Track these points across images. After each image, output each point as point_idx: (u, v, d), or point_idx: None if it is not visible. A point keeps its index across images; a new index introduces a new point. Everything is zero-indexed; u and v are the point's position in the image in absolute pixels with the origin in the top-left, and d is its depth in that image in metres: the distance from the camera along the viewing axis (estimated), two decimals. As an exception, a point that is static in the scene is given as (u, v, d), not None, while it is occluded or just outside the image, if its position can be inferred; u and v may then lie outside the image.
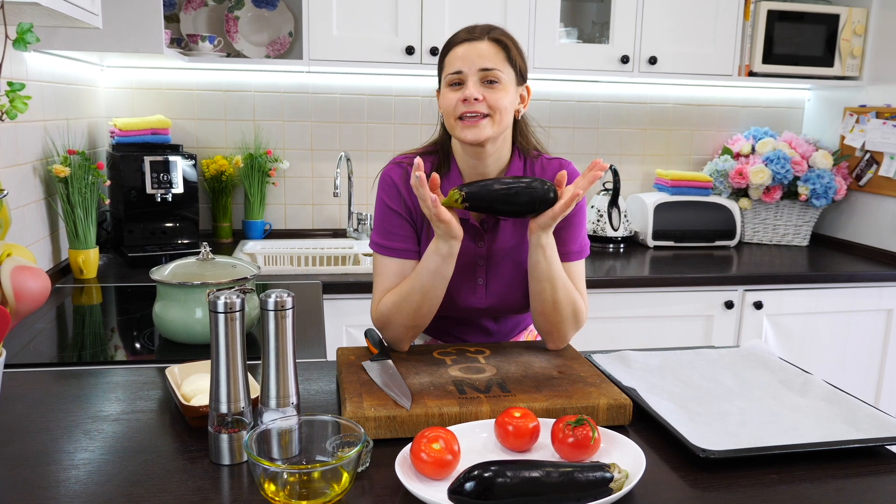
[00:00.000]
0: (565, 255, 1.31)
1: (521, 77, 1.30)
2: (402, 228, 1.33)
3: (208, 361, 0.96)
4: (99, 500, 0.86)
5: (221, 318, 0.92)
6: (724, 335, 2.39)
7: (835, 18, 2.65)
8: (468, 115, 1.24)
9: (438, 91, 1.34)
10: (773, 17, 2.60)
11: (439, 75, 1.32)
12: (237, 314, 0.93)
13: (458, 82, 1.25)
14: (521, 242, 1.34)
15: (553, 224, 1.22)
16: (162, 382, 1.24)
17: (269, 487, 0.83)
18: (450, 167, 1.35)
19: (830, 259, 2.63)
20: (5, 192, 1.02)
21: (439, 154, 1.37)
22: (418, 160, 1.17)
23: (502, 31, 1.29)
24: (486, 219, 1.33)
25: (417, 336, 1.33)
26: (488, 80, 1.24)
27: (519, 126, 1.36)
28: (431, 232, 1.31)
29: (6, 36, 1.04)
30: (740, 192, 2.81)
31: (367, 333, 1.31)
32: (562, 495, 0.84)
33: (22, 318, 0.97)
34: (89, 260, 2.04)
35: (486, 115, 1.24)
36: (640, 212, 2.76)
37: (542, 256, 1.24)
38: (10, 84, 1.04)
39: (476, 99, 1.23)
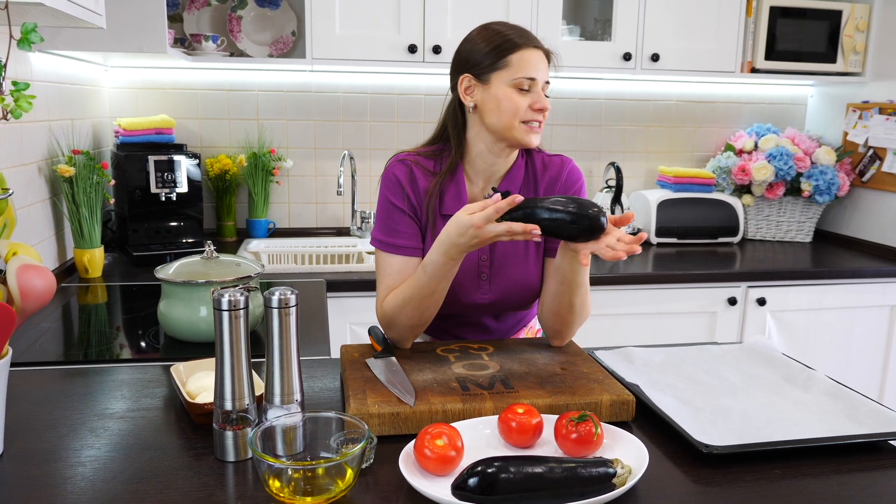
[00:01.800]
0: None
1: None
2: (406, 226, 1.33)
3: (213, 359, 0.97)
4: (105, 496, 0.87)
5: (226, 315, 0.93)
6: (728, 332, 2.39)
7: (837, 14, 2.65)
8: (535, 121, 1.28)
9: (476, 81, 1.28)
10: (776, 13, 2.60)
11: (490, 69, 1.27)
12: (241, 312, 0.94)
13: (528, 87, 1.27)
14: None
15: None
16: (167, 380, 1.24)
17: (274, 484, 0.84)
18: (456, 168, 1.34)
19: (834, 255, 2.62)
20: (11, 191, 1.02)
21: (450, 152, 1.35)
22: (497, 197, 1.13)
23: (547, 45, 1.34)
24: None
25: (420, 334, 1.33)
26: (545, 92, 1.30)
27: None
28: (436, 230, 1.31)
29: (10, 36, 1.04)
30: (743, 189, 2.81)
31: (371, 331, 1.32)
32: (565, 491, 0.84)
33: (28, 316, 0.97)
34: (94, 259, 2.05)
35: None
36: (643, 209, 2.76)
37: (577, 265, 1.22)
38: (14, 83, 1.04)
39: (545, 109, 1.28)
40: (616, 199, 2.69)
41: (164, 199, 2.27)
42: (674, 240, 2.72)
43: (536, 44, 1.30)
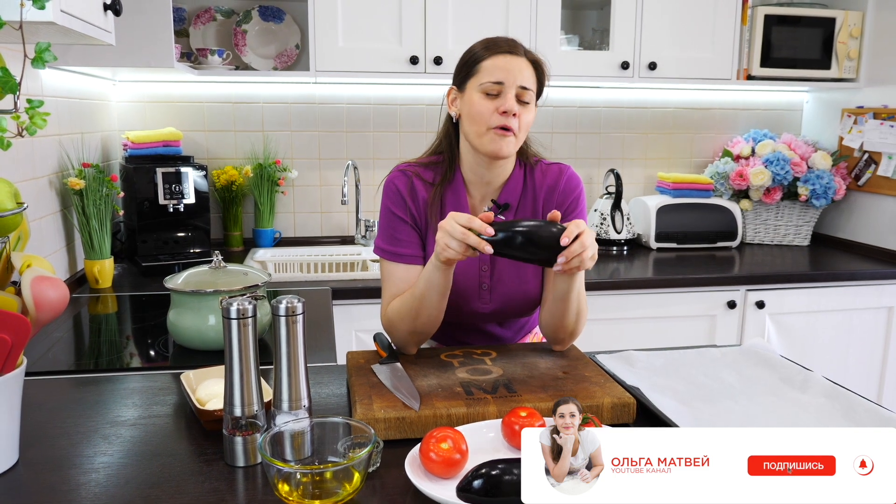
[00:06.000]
0: None
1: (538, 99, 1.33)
2: (407, 235, 1.36)
3: (222, 367, 0.98)
4: (118, 502, 0.89)
5: (234, 324, 0.95)
6: (727, 335, 2.41)
7: (831, 22, 2.67)
8: (503, 127, 1.24)
9: (458, 92, 1.32)
10: (771, 21, 2.63)
11: (465, 78, 1.29)
12: (249, 320, 0.95)
13: (497, 92, 1.25)
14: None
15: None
16: (177, 388, 1.26)
17: (283, 488, 0.85)
18: (454, 176, 1.37)
19: (831, 258, 2.64)
20: (25, 205, 1.05)
21: (444, 163, 1.38)
22: (489, 216, 1.15)
23: (535, 53, 1.31)
24: None
25: (424, 341, 1.35)
26: (522, 99, 1.25)
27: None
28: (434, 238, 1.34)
29: (24, 55, 1.07)
30: (741, 194, 2.83)
31: (376, 337, 1.34)
32: (565, 491, 0.86)
33: (41, 326, 0.99)
34: (104, 270, 2.08)
35: (513, 132, 1.25)
36: (642, 214, 2.79)
37: (572, 286, 1.25)
38: (29, 101, 1.07)
39: (514, 114, 1.24)
40: (616, 206, 2.71)
41: (171, 210, 2.29)
42: (673, 245, 2.74)
43: (513, 51, 1.27)
